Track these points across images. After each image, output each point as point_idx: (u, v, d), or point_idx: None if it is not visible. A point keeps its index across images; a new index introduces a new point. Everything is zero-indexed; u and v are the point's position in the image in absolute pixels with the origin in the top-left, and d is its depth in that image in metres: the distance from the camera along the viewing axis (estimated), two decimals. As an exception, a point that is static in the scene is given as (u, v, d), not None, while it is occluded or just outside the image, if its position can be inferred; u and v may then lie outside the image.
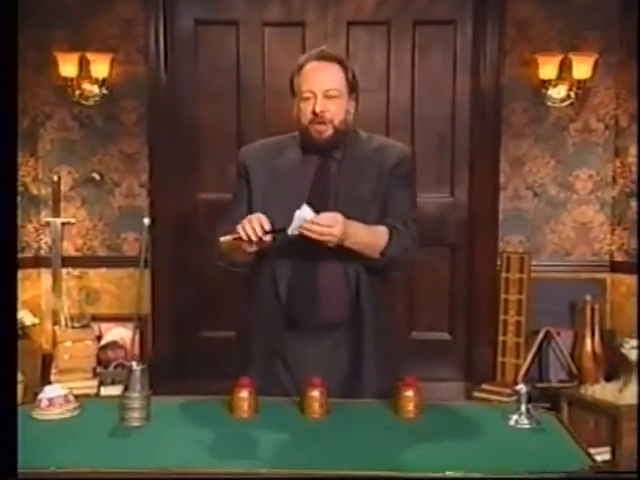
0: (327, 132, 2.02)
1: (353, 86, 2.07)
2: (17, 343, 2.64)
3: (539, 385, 3.74)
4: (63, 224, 3.99)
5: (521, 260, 3.87)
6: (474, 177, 3.99)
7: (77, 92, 3.88)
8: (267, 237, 1.88)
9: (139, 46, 3.93)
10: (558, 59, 3.78)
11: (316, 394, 1.80)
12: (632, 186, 3.80)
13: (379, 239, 2.00)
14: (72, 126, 3.99)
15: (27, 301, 3.90)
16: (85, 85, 3.87)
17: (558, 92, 3.83)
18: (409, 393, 1.81)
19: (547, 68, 3.78)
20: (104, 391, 3.61)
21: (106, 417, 1.78)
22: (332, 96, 2.01)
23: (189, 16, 4.00)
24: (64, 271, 3.99)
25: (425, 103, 3.99)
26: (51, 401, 1.81)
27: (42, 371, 3.76)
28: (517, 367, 3.82)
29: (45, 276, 4.03)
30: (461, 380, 4.08)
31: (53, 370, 3.69)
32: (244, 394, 1.80)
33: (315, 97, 2.00)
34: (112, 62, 3.87)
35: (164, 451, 1.61)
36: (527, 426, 1.74)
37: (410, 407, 1.81)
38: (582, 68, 3.77)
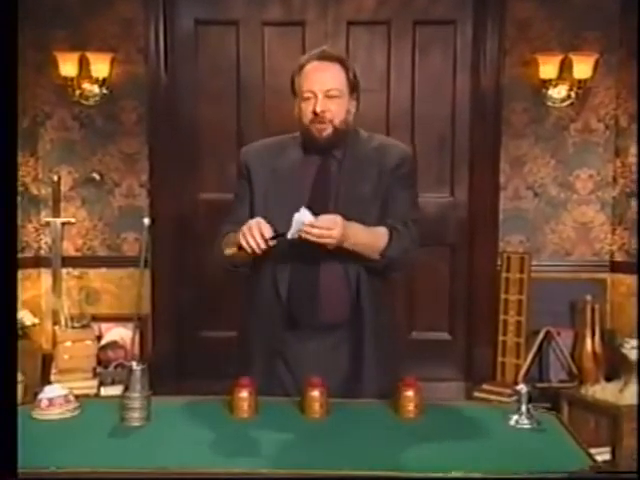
0: (327, 131, 2.02)
1: (354, 86, 2.07)
2: (17, 343, 2.64)
3: (539, 385, 3.74)
4: (63, 224, 3.99)
5: (521, 260, 3.87)
6: (474, 177, 3.99)
7: (77, 92, 3.88)
8: (270, 243, 1.88)
9: (139, 46, 3.93)
10: (558, 59, 3.78)
11: (316, 394, 1.80)
12: (632, 186, 3.80)
13: (379, 240, 2.00)
14: (72, 126, 3.99)
15: (27, 301, 3.90)
16: (85, 85, 3.87)
17: (558, 92, 3.83)
18: (409, 393, 1.81)
19: (547, 68, 3.78)
20: (104, 391, 3.61)
21: (106, 417, 1.78)
22: (333, 96, 2.01)
23: (189, 16, 4.00)
24: (64, 271, 3.99)
25: (425, 103, 3.99)
26: (51, 401, 1.81)
27: (42, 371, 3.76)
28: (517, 367, 3.82)
29: (45, 276, 4.03)
30: (461, 380, 4.08)
31: (53, 370, 3.69)
32: (244, 394, 1.80)
33: (316, 97, 2.00)
34: (112, 62, 3.87)
35: (164, 451, 1.61)
36: (527, 426, 1.74)
37: (410, 407, 1.81)
38: (582, 68, 3.76)
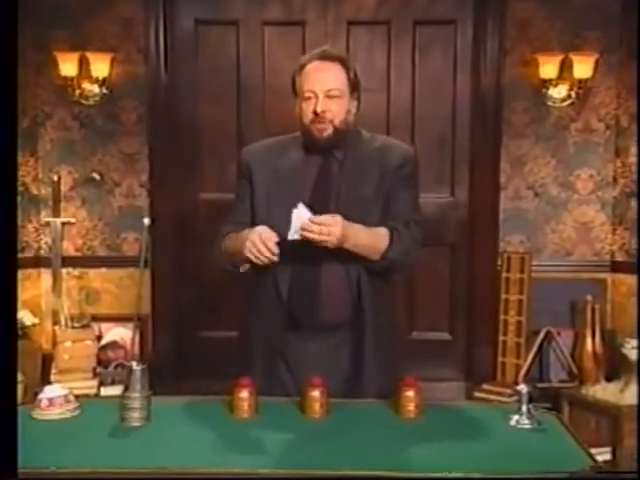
0: (328, 131, 2.01)
1: (355, 86, 2.06)
2: (17, 343, 2.64)
3: (540, 385, 3.74)
4: (63, 224, 3.99)
5: (522, 260, 3.87)
6: (474, 177, 3.99)
7: (77, 92, 3.88)
8: (277, 250, 1.90)
9: (139, 46, 3.93)
10: (559, 59, 3.78)
11: (316, 394, 1.80)
12: (633, 186, 3.79)
13: (380, 241, 1.99)
14: (72, 126, 3.98)
15: (27, 301, 3.90)
16: (85, 85, 3.87)
17: (559, 92, 3.83)
18: (410, 393, 1.81)
19: (548, 68, 3.78)
20: (104, 391, 3.61)
21: (106, 417, 1.78)
22: (334, 96, 2.00)
23: (189, 16, 4.00)
24: (64, 271, 3.99)
25: (425, 103, 3.99)
26: (51, 401, 1.81)
27: (42, 371, 3.76)
28: (517, 367, 3.82)
29: (45, 276, 4.03)
30: (461, 380, 4.07)
31: (53, 370, 3.69)
32: (244, 394, 1.80)
33: (316, 97, 2.00)
34: (112, 62, 3.87)
35: (164, 451, 1.61)
36: (528, 426, 1.74)
37: (411, 407, 1.81)
38: (583, 68, 3.76)
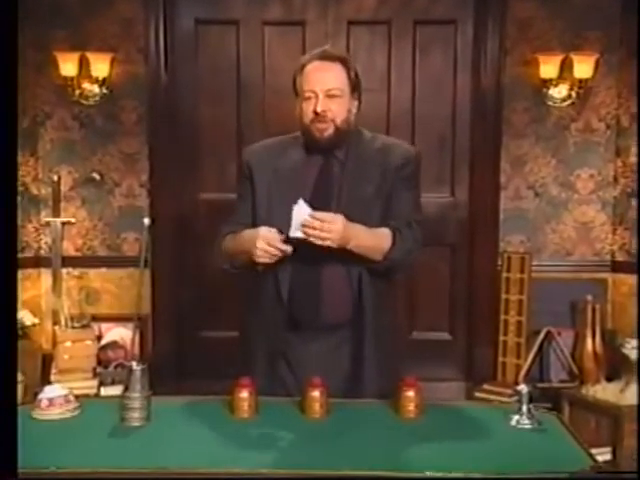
0: (328, 131, 2.01)
1: (355, 85, 2.06)
2: (17, 343, 2.64)
3: (540, 385, 3.73)
4: (63, 224, 3.98)
5: (522, 260, 3.87)
6: (475, 177, 3.99)
7: (77, 91, 3.88)
8: (287, 247, 1.90)
9: (139, 46, 3.93)
10: (559, 59, 3.77)
11: (316, 394, 1.80)
12: (633, 186, 3.79)
13: (382, 242, 1.99)
14: (72, 126, 3.98)
15: (27, 301, 3.90)
16: (85, 84, 3.87)
17: (559, 92, 3.82)
18: (410, 393, 1.81)
19: (548, 67, 3.77)
20: (104, 391, 3.61)
21: (106, 417, 1.78)
22: (334, 95, 2.00)
23: (189, 16, 4.00)
24: (64, 271, 3.99)
25: (426, 103, 3.99)
26: (51, 401, 1.81)
27: (42, 371, 3.75)
28: (518, 367, 3.82)
29: (45, 276, 4.03)
30: (462, 380, 4.07)
31: (53, 370, 3.68)
32: (244, 394, 1.80)
33: (316, 97, 2.00)
34: (112, 61, 3.87)
35: (164, 451, 1.61)
36: (528, 426, 1.74)
37: (411, 407, 1.81)
38: (583, 67, 3.76)
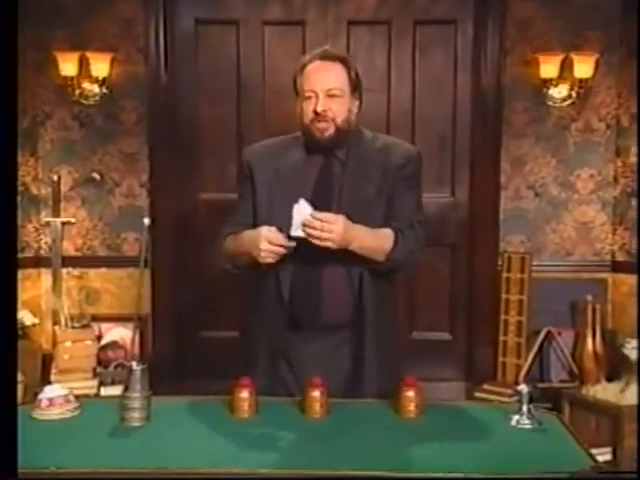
0: (329, 130, 2.01)
1: (356, 85, 2.06)
2: (17, 343, 2.64)
3: (540, 385, 3.73)
4: (63, 224, 3.98)
5: (522, 260, 3.87)
6: (475, 177, 3.98)
7: (77, 91, 3.88)
8: (290, 242, 1.90)
9: (139, 46, 3.93)
10: (559, 58, 3.77)
11: (317, 394, 1.80)
12: (633, 186, 3.79)
13: (385, 243, 1.99)
14: (72, 126, 3.98)
15: (27, 301, 3.90)
16: (85, 84, 3.87)
17: (559, 92, 3.82)
18: (410, 393, 1.81)
19: (548, 67, 3.77)
20: (104, 391, 3.61)
21: (106, 417, 1.77)
22: (334, 95, 2.00)
23: (189, 16, 4.00)
24: (64, 271, 3.99)
25: (426, 103, 3.99)
26: (51, 401, 1.81)
27: (42, 371, 3.75)
28: (518, 367, 3.82)
29: (45, 276, 4.03)
30: (462, 380, 4.07)
31: (53, 370, 3.68)
32: (244, 394, 1.80)
33: (317, 97, 2.00)
34: (112, 61, 3.87)
35: (164, 451, 1.61)
36: (528, 426, 1.74)
37: (411, 407, 1.80)
38: (583, 67, 3.76)
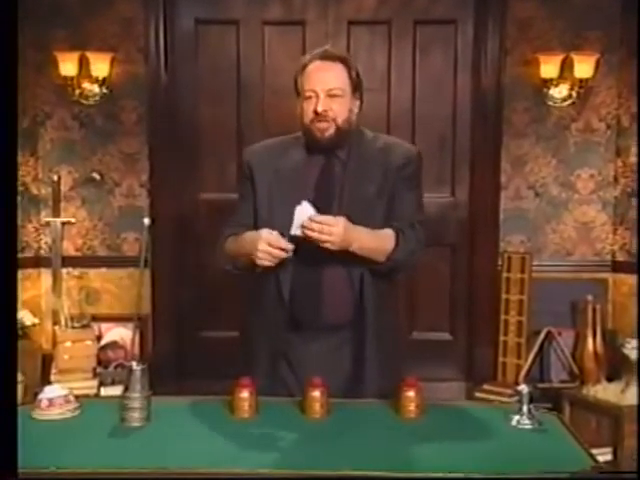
0: (329, 130, 2.01)
1: (357, 85, 2.06)
2: (17, 343, 2.64)
3: (540, 385, 3.73)
4: (63, 224, 3.98)
5: (522, 260, 3.86)
6: (475, 177, 3.98)
7: (77, 91, 3.88)
8: (289, 245, 1.90)
9: (139, 45, 3.93)
10: (559, 58, 3.77)
11: (317, 394, 1.80)
12: (634, 185, 3.79)
13: (385, 243, 1.99)
14: (72, 126, 3.98)
15: (27, 301, 3.90)
16: (85, 84, 3.87)
17: (559, 91, 3.82)
18: (410, 393, 1.81)
19: (548, 67, 3.77)
20: (104, 391, 3.61)
21: (106, 417, 1.77)
22: (335, 95, 2.00)
23: (189, 16, 4.00)
24: (64, 271, 3.99)
25: (426, 103, 3.99)
26: (51, 401, 1.81)
27: (42, 371, 3.75)
28: (518, 367, 3.82)
29: (45, 276, 4.03)
30: (462, 380, 4.07)
31: (53, 370, 3.68)
32: (245, 394, 1.80)
33: (317, 96, 1.99)
34: (112, 61, 3.87)
35: (164, 451, 1.61)
36: (529, 426, 1.74)
37: (411, 407, 1.80)
38: (583, 67, 3.76)
